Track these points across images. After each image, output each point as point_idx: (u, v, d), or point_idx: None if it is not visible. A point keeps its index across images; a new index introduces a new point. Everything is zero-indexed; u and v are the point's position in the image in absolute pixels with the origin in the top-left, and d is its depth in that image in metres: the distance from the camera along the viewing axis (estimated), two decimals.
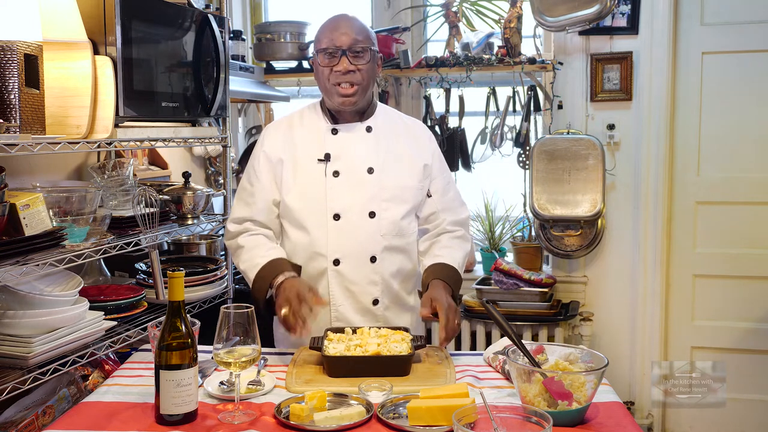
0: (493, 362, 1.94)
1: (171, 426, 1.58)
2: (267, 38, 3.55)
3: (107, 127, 1.96)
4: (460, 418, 1.38)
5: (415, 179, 2.14)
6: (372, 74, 2.10)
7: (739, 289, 3.35)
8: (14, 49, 1.70)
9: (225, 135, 2.62)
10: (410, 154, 2.15)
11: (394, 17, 3.65)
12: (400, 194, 2.11)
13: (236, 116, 3.84)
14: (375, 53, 2.10)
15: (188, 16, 2.32)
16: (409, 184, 2.13)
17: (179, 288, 1.61)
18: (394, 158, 2.12)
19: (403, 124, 2.23)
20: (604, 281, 3.48)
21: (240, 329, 1.64)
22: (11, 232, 1.75)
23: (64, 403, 2.02)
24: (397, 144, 2.15)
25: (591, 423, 1.59)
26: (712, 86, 3.30)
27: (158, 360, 1.58)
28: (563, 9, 3.08)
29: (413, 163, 2.14)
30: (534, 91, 3.39)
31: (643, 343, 3.43)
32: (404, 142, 2.16)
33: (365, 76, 2.06)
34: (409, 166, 2.14)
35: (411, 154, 2.15)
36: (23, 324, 1.76)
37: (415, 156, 2.15)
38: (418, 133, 2.22)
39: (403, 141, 2.16)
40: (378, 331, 2.01)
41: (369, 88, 2.12)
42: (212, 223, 2.62)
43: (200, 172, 3.49)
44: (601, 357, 1.66)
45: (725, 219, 3.35)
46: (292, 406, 1.63)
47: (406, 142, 2.17)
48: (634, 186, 3.39)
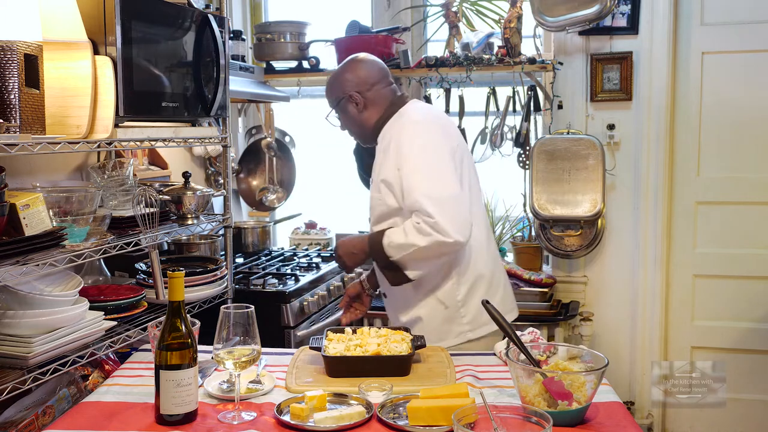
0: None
1: (171, 426, 1.58)
2: (267, 38, 3.55)
3: (107, 127, 1.96)
4: (460, 418, 1.38)
5: (375, 192, 2.28)
6: (351, 119, 2.34)
7: (739, 289, 3.35)
8: (14, 49, 1.70)
9: (225, 135, 2.62)
10: (379, 169, 2.26)
11: (394, 17, 3.65)
12: (373, 206, 2.29)
13: (236, 116, 3.84)
14: (341, 100, 2.33)
15: (188, 16, 2.32)
16: (374, 196, 2.28)
17: (179, 288, 1.61)
18: (375, 174, 2.29)
19: (383, 137, 2.29)
20: (604, 281, 3.48)
21: (240, 329, 1.64)
22: (11, 232, 1.75)
23: (64, 403, 2.02)
24: (379, 159, 2.28)
25: (591, 423, 1.59)
26: (712, 86, 3.30)
27: (158, 360, 1.59)
28: (563, 9, 3.07)
29: (377, 177, 2.26)
30: (534, 91, 3.38)
31: (643, 343, 3.43)
32: (382, 160, 2.26)
33: (349, 125, 2.37)
34: (375, 179, 2.28)
35: (379, 169, 2.26)
36: (23, 324, 1.76)
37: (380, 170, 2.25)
38: (386, 141, 2.26)
39: (383, 159, 2.25)
40: (378, 331, 2.01)
41: (361, 127, 2.34)
42: (212, 223, 2.62)
43: (200, 172, 3.49)
44: (601, 357, 1.66)
45: (725, 219, 3.35)
46: (292, 406, 1.63)
47: (381, 155, 2.27)
48: (634, 186, 3.39)
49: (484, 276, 2.29)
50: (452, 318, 2.26)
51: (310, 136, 4.03)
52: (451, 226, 2.06)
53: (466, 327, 2.26)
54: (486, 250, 2.33)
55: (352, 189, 3.84)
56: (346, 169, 3.78)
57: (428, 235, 2.07)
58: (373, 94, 2.30)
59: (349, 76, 2.33)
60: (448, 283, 2.25)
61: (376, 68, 2.35)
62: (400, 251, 2.14)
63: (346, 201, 4.02)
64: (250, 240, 3.45)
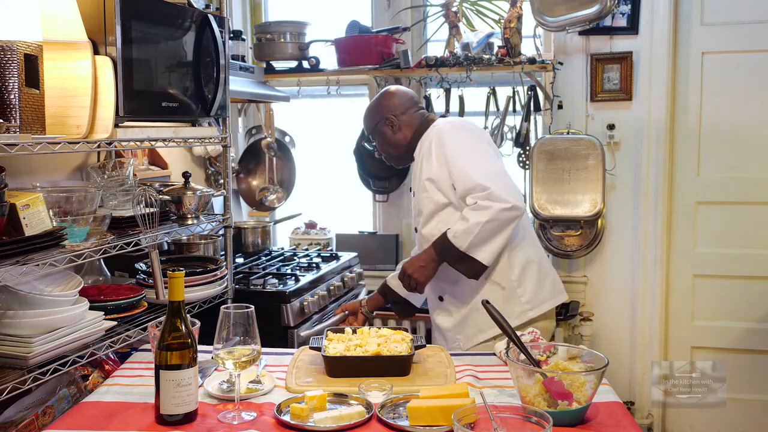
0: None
1: (171, 426, 1.58)
2: (267, 38, 3.55)
3: (107, 127, 1.96)
4: (460, 418, 1.38)
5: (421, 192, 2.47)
6: (388, 140, 2.55)
7: (739, 289, 3.35)
8: (14, 49, 1.70)
9: (225, 135, 2.62)
10: (420, 173, 2.48)
11: (394, 17, 3.65)
12: (421, 207, 2.48)
13: (236, 116, 3.84)
14: (378, 124, 2.54)
15: (188, 16, 2.32)
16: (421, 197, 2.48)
17: (179, 288, 1.61)
18: (418, 179, 2.50)
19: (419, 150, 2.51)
20: (604, 281, 3.48)
21: (240, 329, 1.64)
22: (11, 232, 1.75)
23: (64, 403, 2.02)
24: (419, 166, 2.50)
25: (591, 423, 1.59)
26: (712, 86, 3.30)
27: (158, 360, 1.59)
28: (563, 9, 3.07)
29: (421, 179, 2.47)
30: (534, 91, 3.39)
31: (643, 343, 3.43)
32: (422, 164, 2.47)
33: (385, 148, 2.59)
34: (419, 183, 2.49)
35: (421, 173, 2.47)
36: (23, 324, 1.76)
37: (422, 173, 2.47)
38: (424, 150, 2.48)
39: (424, 163, 2.46)
40: (378, 331, 2.01)
41: (397, 147, 2.55)
42: (212, 223, 2.62)
43: (200, 172, 3.49)
44: (601, 357, 1.66)
45: (725, 219, 3.35)
46: (292, 406, 1.63)
47: (421, 162, 2.48)
48: (634, 186, 3.39)
49: (534, 260, 2.44)
50: (510, 298, 2.38)
51: (310, 136, 4.03)
52: (504, 191, 2.25)
53: (527, 306, 2.39)
54: (531, 237, 2.51)
55: (352, 189, 3.84)
56: (346, 169, 3.78)
57: (487, 208, 2.24)
58: (406, 117, 2.54)
59: (384, 102, 2.57)
60: (500, 263, 2.37)
61: (408, 96, 2.60)
62: (468, 236, 2.27)
63: (346, 201, 4.02)
64: (250, 240, 3.45)
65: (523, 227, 2.45)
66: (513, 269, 2.39)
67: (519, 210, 2.27)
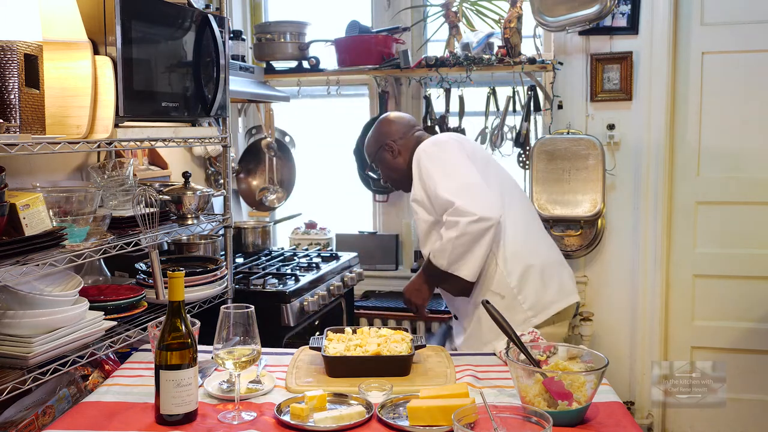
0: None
1: (171, 426, 1.58)
2: (267, 38, 3.55)
3: (107, 127, 1.96)
4: (460, 418, 1.38)
5: (414, 215, 2.51)
6: (389, 165, 2.59)
7: (739, 289, 3.35)
8: (14, 49, 1.70)
9: (225, 135, 2.62)
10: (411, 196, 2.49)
11: (394, 17, 3.65)
12: (417, 229, 2.53)
13: (236, 116, 3.84)
14: (378, 150, 2.59)
15: (188, 16, 2.32)
16: (415, 220, 2.52)
17: (179, 288, 1.61)
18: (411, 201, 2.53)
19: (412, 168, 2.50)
20: (604, 281, 3.48)
21: (240, 329, 1.64)
22: (11, 232, 1.75)
23: (64, 403, 2.02)
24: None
25: (591, 423, 1.59)
26: (712, 86, 3.29)
27: (158, 360, 1.59)
28: (563, 9, 3.07)
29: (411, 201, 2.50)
30: (534, 91, 3.39)
31: (643, 343, 3.43)
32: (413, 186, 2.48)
33: (388, 173, 2.64)
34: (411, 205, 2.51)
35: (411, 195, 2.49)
36: (23, 324, 1.76)
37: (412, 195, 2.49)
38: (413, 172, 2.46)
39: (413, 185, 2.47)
40: (378, 331, 2.01)
41: (398, 171, 2.58)
42: (212, 223, 2.62)
43: (200, 172, 3.49)
44: (601, 357, 1.66)
45: (725, 219, 3.35)
46: (292, 406, 1.63)
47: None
48: (634, 186, 3.39)
49: (534, 265, 2.39)
50: (512, 306, 2.34)
51: (310, 136, 4.03)
52: (472, 205, 2.24)
53: (529, 313, 2.36)
54: (531, 242, 2.46)
55: (352, 189, 3.84)
56: (346, 169, 3.78)
57: (455, 224, 2.24)
58: (404, 141, 2.57)
59: (383, 129, 2.62)
60: (496, 273, 2.36)
61: (405, 120, 2.65)
62: (444, 254, 2.28)
63: (346, 201, 4.02)
64: (250, 240, 3.45)
65: (522, 233, 2.43)
66: (510, 277, 2.36)
67: (488, 221, 2.23)
